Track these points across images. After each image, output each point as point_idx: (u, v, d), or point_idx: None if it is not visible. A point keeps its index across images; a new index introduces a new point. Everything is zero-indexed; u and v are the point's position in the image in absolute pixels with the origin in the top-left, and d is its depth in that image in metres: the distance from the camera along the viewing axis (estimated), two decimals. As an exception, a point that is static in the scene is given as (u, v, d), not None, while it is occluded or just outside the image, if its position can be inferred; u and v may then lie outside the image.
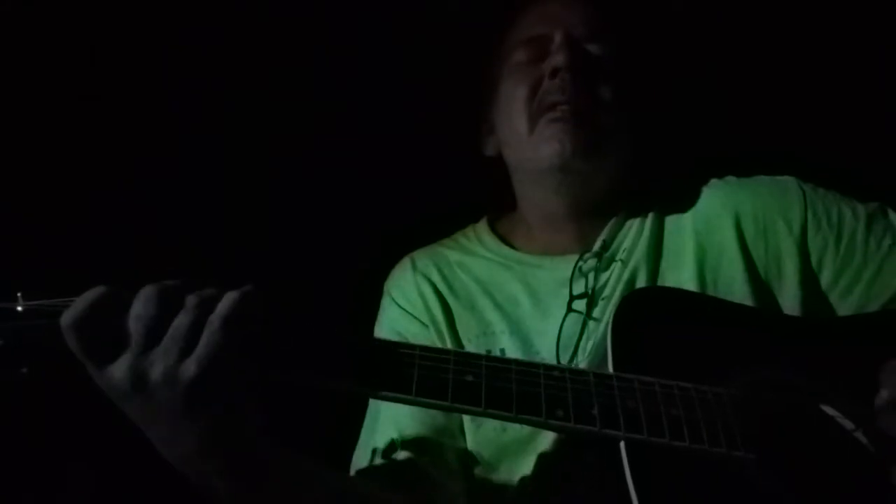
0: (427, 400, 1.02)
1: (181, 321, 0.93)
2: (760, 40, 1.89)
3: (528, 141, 1.40)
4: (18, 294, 0.98)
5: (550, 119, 1.37)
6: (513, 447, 1.31)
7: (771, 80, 1.91)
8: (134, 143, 1.88)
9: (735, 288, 1.33)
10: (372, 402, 1.39)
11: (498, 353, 1.34)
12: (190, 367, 0.92)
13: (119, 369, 0.93)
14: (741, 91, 1.90)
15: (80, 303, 0.93)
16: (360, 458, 1.35)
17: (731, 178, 1.48)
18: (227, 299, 0.95)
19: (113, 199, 1.84)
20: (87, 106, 1.84)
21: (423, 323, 1.43)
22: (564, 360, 1.31)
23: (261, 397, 1.00)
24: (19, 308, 0.97)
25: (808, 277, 1.34)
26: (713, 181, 1.48)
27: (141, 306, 0.94)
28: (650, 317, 1.19)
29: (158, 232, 1.84)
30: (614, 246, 1.42)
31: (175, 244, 1.81)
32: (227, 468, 1.00)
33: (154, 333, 0.93)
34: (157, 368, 0.92)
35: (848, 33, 1.86)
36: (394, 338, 1.42)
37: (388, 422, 1.34)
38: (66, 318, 0.93)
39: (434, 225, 1.63)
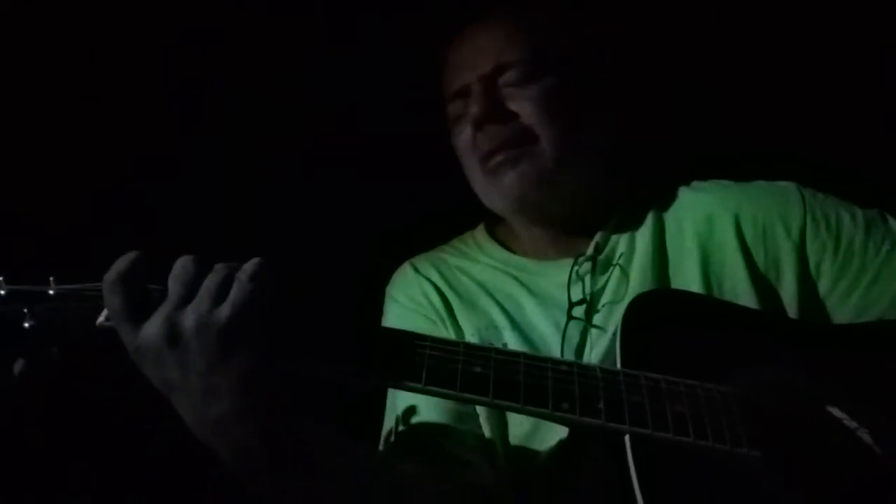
0: (436, 389, 1.04)
1: (212, 278, 1.00)
2: (733, 35, 1.89)
3: (484, 189, 1.44)
4: (51, 278, 1.03)
5: (491, 168, 1.39)
6: (515, 441, 1.32)
7: (743, 79, 1.91)
8: (134, 143, 1.88)
9: (739, 290, 1.33)
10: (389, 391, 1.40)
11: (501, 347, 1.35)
12: (224, 310, 0.98)
13: (153, 325, 0.98)
14: (723, 91, 1.91)
15: (122, 262, 1.00)
16: (383, 438, 1.37)
17: (728, 182, 1.48)
18: (251, 262, 1.03)
19: (113, 199, 1.84)
20: (87, 106, 1.84)
21: (430, 319, 1.44)
22: None
23: (279, 379, 1.03)
24: (51, 291, 1.02)
25: (806, 281, 1.34)
26: (710, 184, 1.48)
27: (180, 268, 1.01)
28: (658, 318, 1.19)
29: (158, 232, 1.84)
30: (608, 250, 1.42)
31: (175, 244, 1.80)
32: (262, 431, 1.01)
33: (190, 288, 0.99)
34: (190, 318, 0.98)
35: (832, 30, 1.87)
36: None
37: (406, 399, 1.35)
38: (110, 275, 0.99)
39: (434, 225, 1.64)
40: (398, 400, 1.36)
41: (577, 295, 1.37)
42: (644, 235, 1.42)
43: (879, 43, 1.83)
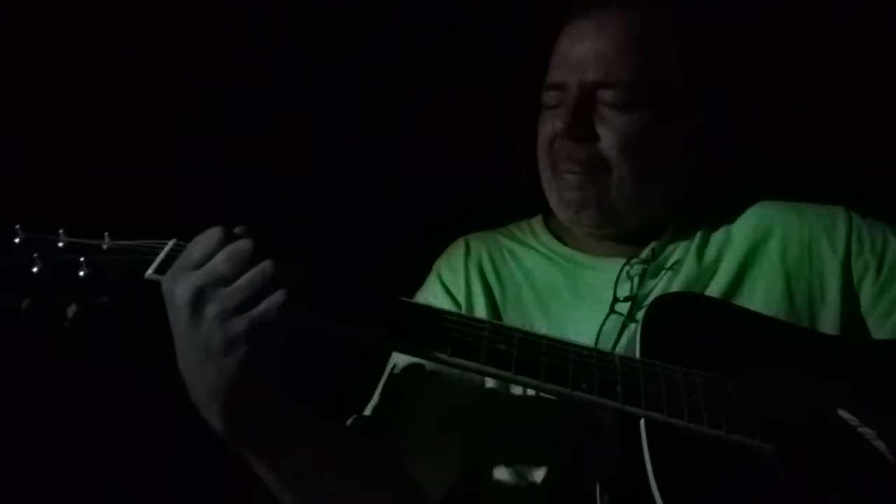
0: (460, 360, 1.07)
1: (255, 279, 1.00)
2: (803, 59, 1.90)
3: (547, 185, 1.45)
4: (105, 233, 1.10)
5: (560, 177, 1.41)
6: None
7: (824, 102, 1.91)
8: (134, 142, 1.87)
9: (773, 299, 1.35)
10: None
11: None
12: (240, 322, 0.98)
13: (185, 288, 1.00)
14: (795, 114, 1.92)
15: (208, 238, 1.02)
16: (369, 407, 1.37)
17: (781, 202, 1.50)
18: (293, 276, 1.02)
19: (113, 199, 1.84)
20: (87, 106, 1.84)
21: (457, 303, 1.45)
22: None
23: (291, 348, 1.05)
24: (105, 246, 1.09)
25: (850, 300, 1.37)
26: (765, 202, 1.50)
27: (238, 250, 1.01)
28: (679, 318, 1.22)
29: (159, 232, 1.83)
30: (664, 255, 1.43)
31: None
32: (225, 413, 1.03)
33: (235, 272, 1.00)
34: (214, 307, 0.99)
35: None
36: None
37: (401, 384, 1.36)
38: (216, 230, 1.03)
39: (489, 217, 1.63)
40: (394, 377, 1.37)
41: (623, 293, 1.38)
42: (694, 246, 1.43)
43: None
